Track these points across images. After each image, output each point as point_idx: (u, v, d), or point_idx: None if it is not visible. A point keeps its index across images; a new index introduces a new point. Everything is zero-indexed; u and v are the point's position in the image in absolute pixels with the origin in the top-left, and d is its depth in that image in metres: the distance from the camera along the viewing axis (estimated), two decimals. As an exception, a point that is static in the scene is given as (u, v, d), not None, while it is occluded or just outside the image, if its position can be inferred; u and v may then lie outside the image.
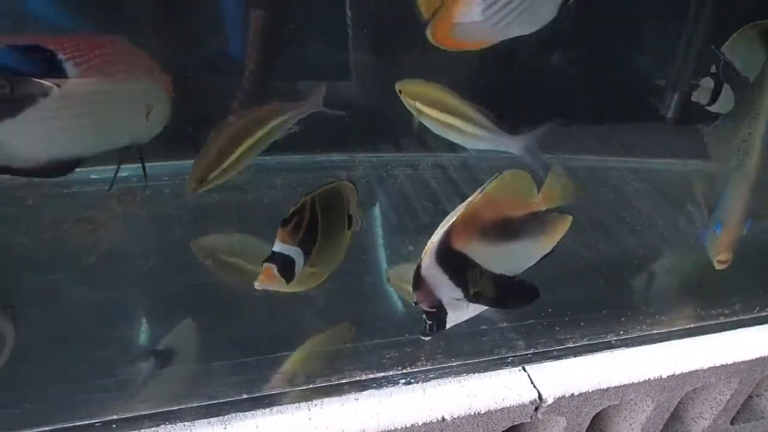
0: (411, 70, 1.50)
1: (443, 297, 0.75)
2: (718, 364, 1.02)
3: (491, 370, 0.96)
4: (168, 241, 1.22)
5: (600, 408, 1.00)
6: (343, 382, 0.91)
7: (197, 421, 0.83)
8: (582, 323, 1.07)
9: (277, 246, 0.83)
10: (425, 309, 0.75)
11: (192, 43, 1.36)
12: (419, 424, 0.87)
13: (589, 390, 0.95)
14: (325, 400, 0.88)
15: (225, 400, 0.87)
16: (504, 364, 0.97)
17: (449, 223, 0.72)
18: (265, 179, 1.37)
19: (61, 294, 1.05)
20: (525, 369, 0.97)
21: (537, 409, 0.93)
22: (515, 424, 0.95)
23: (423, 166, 1.55)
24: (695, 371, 1.01)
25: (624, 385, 0.97)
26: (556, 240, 0.83)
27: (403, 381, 0.92)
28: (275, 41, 1.43)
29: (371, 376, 0.92)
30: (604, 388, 0.96)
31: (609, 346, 1.04)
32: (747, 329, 1.11)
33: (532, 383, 0.94)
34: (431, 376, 0.94)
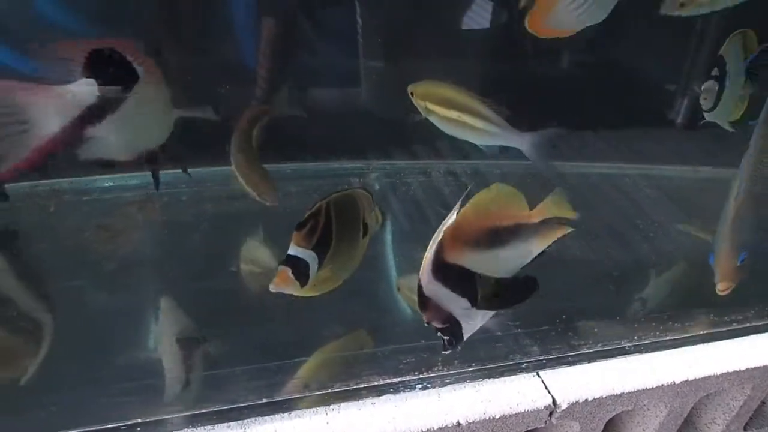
0: (420, 77, 1.52)
1: (452, 310, 0.76)
2: (731, 370, 1.03)
3: (506, 375, 0.97)
4: (186, 248, 1.24)
5: (613, 413, 1.00)
6: (361, 386, 0.92)
7: (217, 425, 0.85)
8: (596, 329, 1.08)
9: (292, 249, 0.84)
10: (438, 326, 0.77)
11: (203, 51, 1.38)
12: (435, 428, 0.88)
13: (603, 395, 0.96)
14: (343, 404, 0.90)
15: (244, 404, 0.88)
16: (518, 369, 0.98)
17: (437, 240, 0.73)
18: (281, 187, 1.38)
19: (83, 299, 1.07)
20: (539, 374, 0.97)
21: (551, 415, 0.94)
22: (530, 429, 0.96)
23: (435, 173, 1.56)
24: (709, 377, 1.02)
25: (638, 391, 0.98)
26: (549, 242, 0.85)
27: (420, 386, 0.93)
28: (286, 49, 1.44)
29: (388, 381, 0.94)
30: (617, 393, 0.96)
31: (623, 351, 1.04)
32: (760, 335, 1.11)
33: (546, 389, 0.95)
34: (447, 381, 0.95)
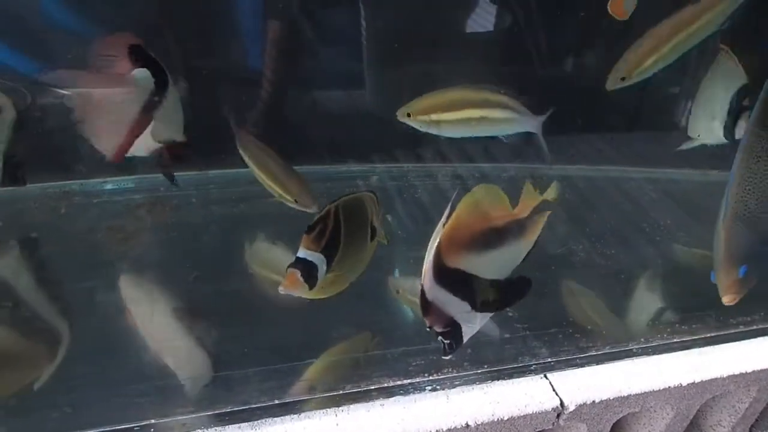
0: (424, 78, 1.53)
1: (454, 314, 0.77)
2: (737, 372, 1.03)
3: (514, 377, 0.97)
4: (196, 250, 1.25)
5: (620, 415, 1.01)
6: (371, 388, 0.93)
7: (228, 426, 0.86)
8: (603, 331, 1.08)
9: (301, 252, 0.85)
10: (440, 331, 0.77)
11: (210, 52, 1.39)
12: (444, 430, 0.88)
13: (610, 397, 0.96)
14: (352, 405, 0.90)
15: (255, 405, 0.89)
16: (527, 371, 0.99)
17: (435, 245, 0.74)
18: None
19: (96, 300, 1.08)
20: (547, 376, 0.98)
21: (559, 416, 0.95)
22: (537, 430, 0.96)
23: (441, 176, 1.57)
24: (715, 379, 1.02)
25: (644, 393, 0.98)
26: (536, 236, 0.86)
27: (429, 388, 0.94)
28: (292, 51, 1.45)
29: (398, 382, 0.94)
30: (624, 395, 0.97)
31: (630, 354, 1.05)
32: (766, 338, 1.12)
33: (554, 390, 0.96)
34: (456, 383, 0.95)
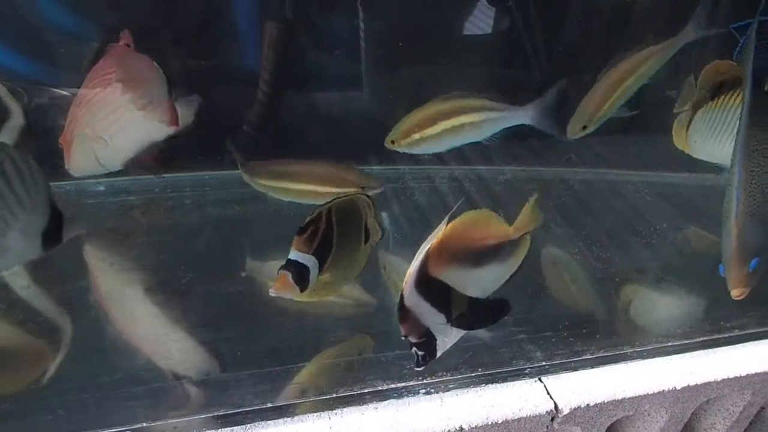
0: (422, 80, 1.53)
1: (430, 325, 0.77)
2: (731, 376, 1.04)
3: (508, 381, 0.97)
4: (191, 252, 1.24)
5: (615, 419, 1.01)
6: (365, 391, 0.93)
7: (221, 430, 0.85)
8: (598, 335, 1.08)
9: (293, 254, 0.85)
10: (414, 341, 0.78)
11: (207, 54, 1.39)
12: (437, 433, 0.88)
13: (605, 401, 0.96)
14: (346, 409, 0.90)
15: (248, 408, 0.89)
16: (521, 375, 0.99)
17: (424, 253, 0.74)
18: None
19: (89, 302, 1.08)
20: (541, 380, 0.98)
21: (553, 420, 0.95)
22: (532, 434, 0.96)
23: (438, 178, 1.56)
24: (709, 383, 1.02)
25: (639, 396, 0.98)
26: (520, 261, 0.88)
27: (423, 391, 0.94)
28: (289, 52, 1.45)
29: (392, 385, 0.94)
30: (619, 399, 0.97)
31: (624, 357, 1.05)
32: (760, 342, 1.12)
33: (548, 394, 0.96)
34: (450, 386, 0.95)
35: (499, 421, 0.91)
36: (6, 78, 1.14)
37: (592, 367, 1.02)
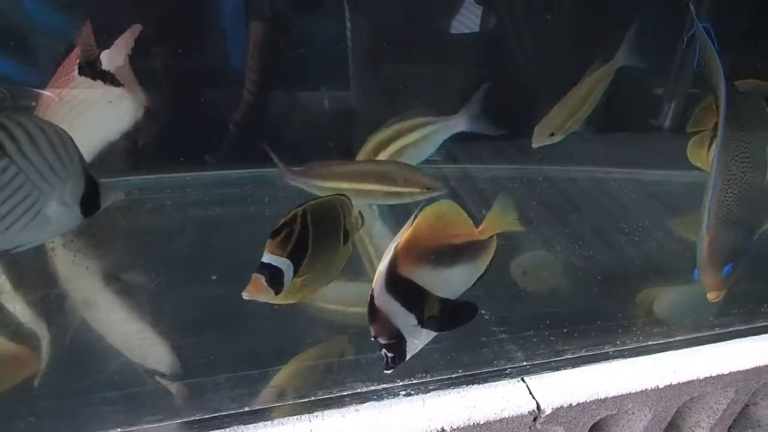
0: (410, 77, 1.52)
1: (400, 326, 0.76)
2: (714, 374, 1.04)
3: (490, 381, 0.97)
4: (171, 254, 1.23)
5: (598, 418, 1.01)
6: (345, 394, 0.92)
7: (200, 434, 0.85)
8: (580, 335, 1.08)
9: (266, 257, 0.83)
10: (384, 342, 0.76)
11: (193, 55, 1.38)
12: (419, 434, 0.88)
13: (587, 400, 0.96)
14: (326, 411, 0.90)
15: (227, 412, 0.88)
16: (503, 375, 0.98)
17: (392, 252, 0.73)
18: (268, 192, 1.37)
19: (64, 307, 1.06)
20: (524, 380, 0.98)
21: (536, 420, 0.94)
22: (514, 434, 0.96)
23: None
24: (692, 381, 1.02)
25: (621, 395, 0.98)
26: (487, 262, 0.87)
27: (404, 393, 0.93)
28: (275, 52, 1.44)
29: (372, 387, 0.93)
30: (601, 398, 0.97)
31: (606, 357, 1.05)
32: (742, 339, 1.12)
33: (530, 394, 0.95)
34: (431, 387, 0.95)
35: (482, 422, 0.91)
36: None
37: (574, 367, 1.01)
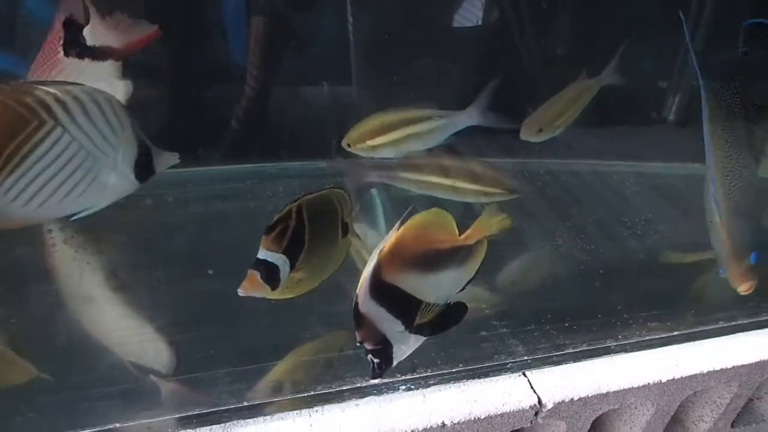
0: (412, 73, 1.52)
1: (386, 332, 0.74)
2: (717, 368, 1.03)
3: (491, 375, 0.96)
4: (172, 250, 1.23)
5: (600, 412, 1.00)
6: (344, 388, 0.92)
7: (199, 429, 0.84)
8: (581, 329, 1.07)
9: (261, 253, 0.82)
10: (370, 348, 0.75)
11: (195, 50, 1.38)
12: (419, 429, 0.87)
13: (589, 395, 0.95)
14: (326, 406, 0.89)
15: (226, 407, 0.88)
16: (504, 369, 0.98)
17: (376, 258, 0.72)
18: (268, 187, 1.37)
19: (64, 302, 1.06)
20: (525, 374, 0.97)
21: (537, 414, 0.94)
22: (515, 429, 0.95)
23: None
24: (695, 375, 1.02)
25: (624, 390, 0.98)
26: (477, 265, 0.84)
27: (404, 387, 0.93)
28: (277, 47, 1.44)
29: (372, 382, 0.93)
30: (603, 392, 0.96)
31: (608, 351, 1.04)
32: (746, 333, 1.11)
33: (531, 388, 0.95)
34: (431, 382, 0.94)
35: (482, 417, 0.90)
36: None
37: (575, 361, 1.01)
